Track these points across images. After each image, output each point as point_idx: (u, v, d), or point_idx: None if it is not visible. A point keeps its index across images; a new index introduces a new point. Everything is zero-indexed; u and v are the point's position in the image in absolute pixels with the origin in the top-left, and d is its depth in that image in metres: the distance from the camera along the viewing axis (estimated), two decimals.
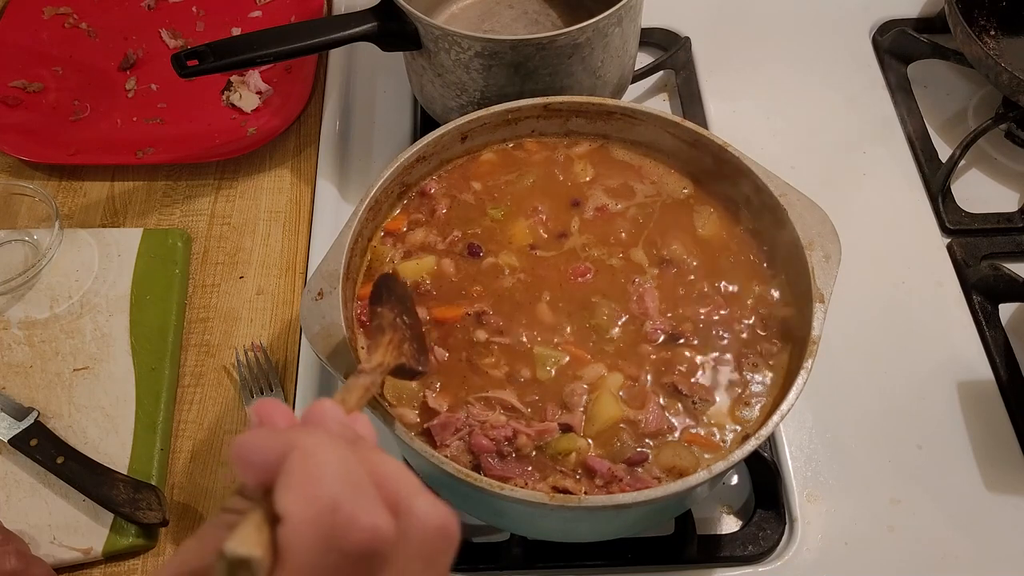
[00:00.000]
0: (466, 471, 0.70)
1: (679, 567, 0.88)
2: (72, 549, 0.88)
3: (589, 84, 1.05)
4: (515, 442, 0.75)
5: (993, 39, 1.25)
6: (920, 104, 1.22)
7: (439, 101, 1.09)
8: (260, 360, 1.00)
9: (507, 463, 0.74)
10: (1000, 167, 1.18)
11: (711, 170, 0.91)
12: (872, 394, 0.99)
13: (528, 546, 0.87)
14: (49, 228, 1.08)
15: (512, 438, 0.75)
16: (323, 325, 0.77)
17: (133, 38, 1.31)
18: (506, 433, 0.75)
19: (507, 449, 0.75)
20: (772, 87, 1.25)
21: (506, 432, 0.75)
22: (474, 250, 0.88)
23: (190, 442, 0.97)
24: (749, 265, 0.87)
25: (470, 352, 0.81)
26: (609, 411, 0.77)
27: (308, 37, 1.02)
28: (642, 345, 0.81)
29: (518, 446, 0.75)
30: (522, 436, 0.75)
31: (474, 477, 0.70)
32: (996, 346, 1.01)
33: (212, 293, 1.08)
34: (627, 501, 0.69)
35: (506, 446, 0.75)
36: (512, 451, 0.75)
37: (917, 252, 1.09)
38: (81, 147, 1.18)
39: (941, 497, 0.92)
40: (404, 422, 0.76)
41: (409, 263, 0.87)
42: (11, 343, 1.01)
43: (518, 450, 0.75)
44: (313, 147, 1.20)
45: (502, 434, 0.75)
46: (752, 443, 0.71)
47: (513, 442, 0.75)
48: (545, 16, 1.19)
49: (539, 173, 0.93)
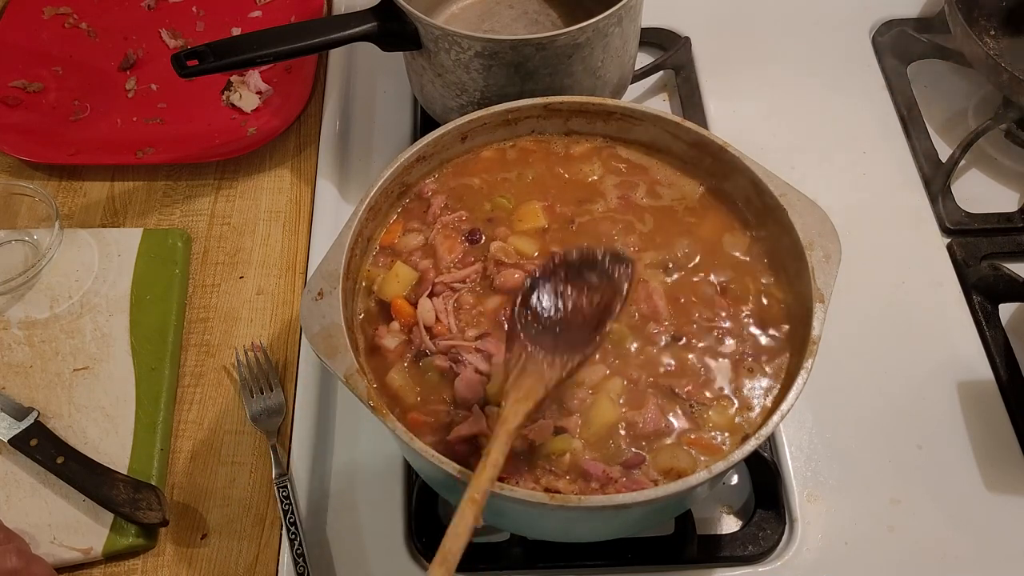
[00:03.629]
0: (466, 471, 0.70)
1: (679, 567, 0.88)
2: (72, 549, 0.88)
3: (589, 84, 1.05)
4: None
5: (993, 39, 1.25)
6: (920, 104, 1.22)
7: (439, 101, 1.09)
8: (260, 360, 1.00)
9: None
10: (1000, 167, 1.18)
11: (711, 170, 0.91)
12: (872, 394, 0.99)
13: (528, 546, 0.87)
14: (49, 228, 1.08)
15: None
16: (323, 325, 0.77)
17: (133, 38, 1.31)
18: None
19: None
20: (772, 87, 1.25)
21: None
22: (474, 238, 0.88)
23: (190, 442, 0.97)
24: (749, 265, 0.86)
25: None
26: (606, 414, 0.77)
27: (308, 37, 1.02)
28: (644, 346, 0.81)
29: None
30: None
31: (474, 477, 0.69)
32: (996, 346, 1.01)
33: (212, 293, 1.08)
34: (627, 501, 0.69)
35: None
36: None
37: (917, 252, 1.09)
38: (81, 147, 1.18)
39: (941, 497, 0.92)
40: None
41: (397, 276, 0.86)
42: (11, 343, 1.01)
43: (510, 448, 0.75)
44: (313, 147, 1.20)
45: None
46: (752, 443, 0.71)
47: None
48: (545, 16, 1.19)
49: (540, 173, 0.93)
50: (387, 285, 0.85)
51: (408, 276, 0.85)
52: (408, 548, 0.89)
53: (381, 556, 0.89)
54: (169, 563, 0.90)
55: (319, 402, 0.98)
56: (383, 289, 0.85)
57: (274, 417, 0.97)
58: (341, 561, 0.89)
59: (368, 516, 0.91)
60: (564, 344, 0.70)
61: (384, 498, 0.92)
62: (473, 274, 0.85)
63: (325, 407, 0.99)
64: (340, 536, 0.91)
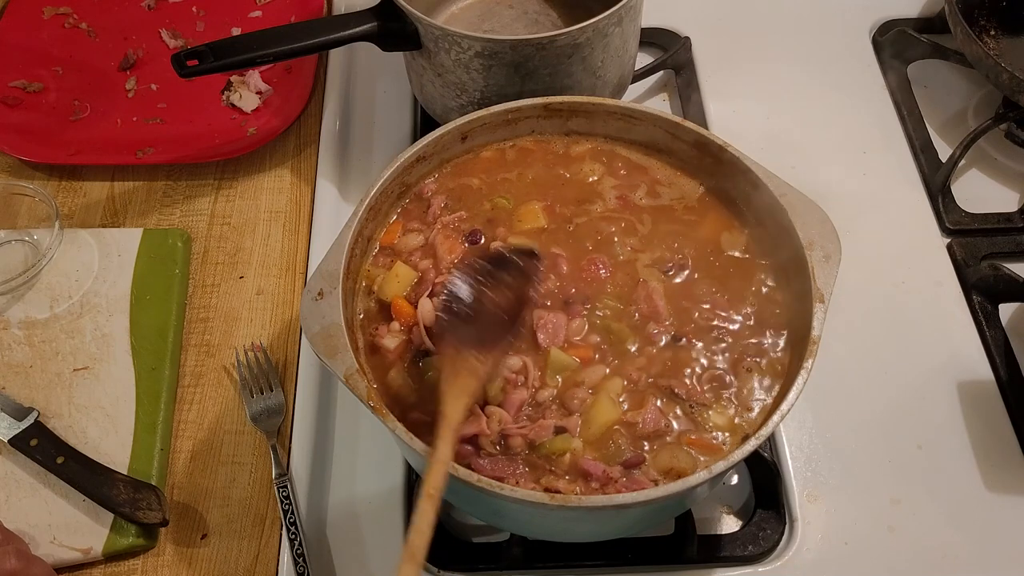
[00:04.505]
0: (466, 471, 0.70)
1: (679, 567, 0.88)
2: (72, 549, 0.88)
3: (589, 84, 1.05)
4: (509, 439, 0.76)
5: (993, 39, 1.25)
6: (920, 104, 1.22)
7: (439, 101, 1.09)
8: (260, 360, 1.00)
9: (496, 461, 0.74)
10: (1000, 167, 1.18)
11: (711, 170, 0.91)
12: (872, 394, 0.99)
13: (528, 546, 0.87)
14: (49, 228, 1.08)
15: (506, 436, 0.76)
16: (323, 325, 0.77)
17: (133, 38, 1.31)
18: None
19: (493, 447, 0.75)
20: (772, 87, 1.25)
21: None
22: (474, 238, 0.88)
23: (190, 442, 0.97)
24: (749, 265, 0.86)
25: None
26: (606, 414, 0.77)
27: (308, 37, 1.02)
28: (644, 346, 0.81)
29: (510, 444, 0.75)
30: (516, 436, 0.75)
31: (474, 477, 0.70)
32: (996, 346, 1.01)
33: (212, 293, 1.08)
34: (627, 501, 0.69)
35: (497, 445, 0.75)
36: (500, 446, 0.75)
37: (917, 252, 1.09)
38: (81, 147, 1.18)
39: (941, 497, 0.92)
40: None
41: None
42: (11, 343, 1.01)
43: (508, 448, 0.75)
44: (313, 147, 1.20)
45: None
46: (752, 443, 0.71)
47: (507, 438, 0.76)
48: (545, 16, 1.19)
49: (540, 173, 0.93)
50: (387, 285, 0.85)
51: (408, 276, 0.85)
52: None
53: (381, 556, 0.89)
54: (169, 563, 0.90)
55: (319, 402, 0.98)
56: (383, 289, 0.85)
57: (274, 417, 0.97)
58: (341, 561, 0.89)
59: (368, 516, 0.91)
60: (489, 338, 0.74)
61: (384, 498, 0.92)
62: None
63: (325, 407, 0.99)
64: (340, 536, 0.91)
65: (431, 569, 0.87)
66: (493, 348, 0.74)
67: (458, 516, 0.91)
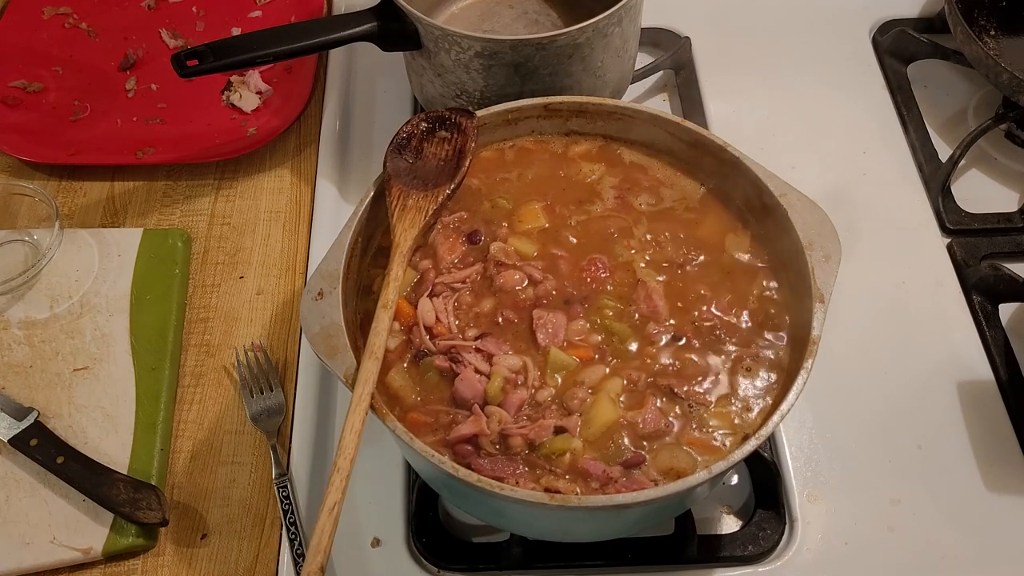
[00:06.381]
0: (466, 471, 0.70)
1: (679, 567, 0.88)
2: (72, 549, 0.88)
3: (589, 84, 1.05)
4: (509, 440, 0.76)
5: (993, 39, 1.25)
6: (920, 104, 1.22)
7: (439, 101, 1.09)
8: (260, 360, 1.00)
9: (496, 461, 0.74)
10: (1000, 167, 1.18)
11: (711, 170, 0.91)
12: (872, 394, 0.99)
13: (528, 546, 0.87)
14: (49, 228, 1.08)
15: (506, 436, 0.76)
16: (323, 325, 0.77)
17: (133, 38, 1.31)
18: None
19: (493, 447, 0.75)
20: (772, 87, 1.25)
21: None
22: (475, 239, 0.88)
23: (190, 442, 0.97)
24: (749, 265, 0.86)
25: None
26: (606, 414, 0.77)
27: (308, 37, 1.02)
28: (644, 346, 0.81)
29: (509, 444, 0.75)
30: (516, 436, 0.75)
31: (474, 477, 0.70)
32: (996, 346, 1.01)
33: (212, 293, 1.08)
34: (627, 501, 0.69)
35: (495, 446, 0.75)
36: (499, 446, 0.75)
37: (917, 252, 1.09)
38: (81, 147, 1.18)
39: (941, 497, 0.92)
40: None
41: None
42: (11, 343, 1.01)
43: (508, 448, 0.75)
44: (313, 147, 1.20)
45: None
46: (752, 443, 0.71)
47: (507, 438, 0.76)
48: (545, 16, 1.19)
49: (540, 173, 0.93)
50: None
51: (408, 276, 0.85)
52: (408, 548, 0.89)
53: (381, 556, 0.89)
54: (169, 563, 0.90)
55: (319, 402, 0.98)
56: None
57: (274, 417, 0.97)
58: (341, 561, 0.89)
59: (368, 516, 0.91)
60: (433, 182, 0.87)
61: (384, 498, 0.92)
62: (473, 274, 0.85)
63: (325, 407, 0.99)
64: (340, 536, 0.91)
65: (431, 569, 0.87)
66: (438, 189, 0.86)
67: (458, 516, 0.91)
